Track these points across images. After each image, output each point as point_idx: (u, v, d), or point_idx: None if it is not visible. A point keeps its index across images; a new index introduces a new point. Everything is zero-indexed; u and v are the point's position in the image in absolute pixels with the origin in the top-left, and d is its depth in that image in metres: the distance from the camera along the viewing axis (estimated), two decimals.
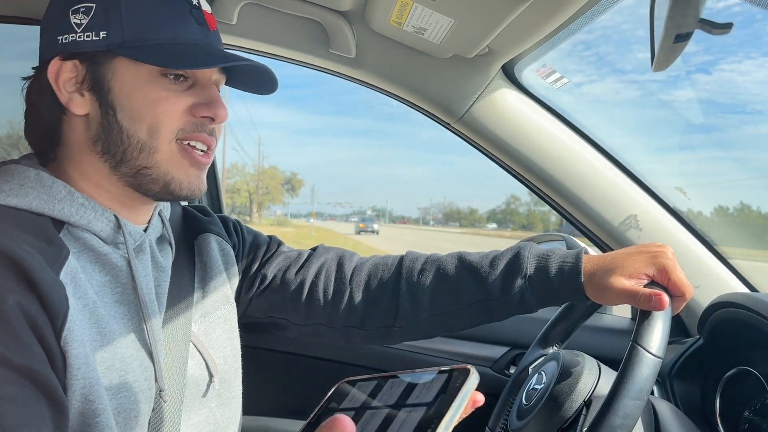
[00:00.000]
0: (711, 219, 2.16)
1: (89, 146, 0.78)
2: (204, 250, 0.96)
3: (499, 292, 0.93)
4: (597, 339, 1.45)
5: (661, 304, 0.78)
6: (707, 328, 1.14)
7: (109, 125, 0.77)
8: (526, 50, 1.19)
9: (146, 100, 0.77)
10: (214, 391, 0.89)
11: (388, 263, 1.03)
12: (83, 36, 0.75)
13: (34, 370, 0.60)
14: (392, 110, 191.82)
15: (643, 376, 0.74)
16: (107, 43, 0.75)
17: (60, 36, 0.76)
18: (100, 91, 0.77)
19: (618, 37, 73.99)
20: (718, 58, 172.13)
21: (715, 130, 6.77)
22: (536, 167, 1.32)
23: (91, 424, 0.68)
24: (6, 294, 0.60)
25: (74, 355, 0.66)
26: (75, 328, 0.66)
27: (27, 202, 0.72)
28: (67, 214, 0.74)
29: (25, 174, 0.74)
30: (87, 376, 0.67)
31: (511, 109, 1.30)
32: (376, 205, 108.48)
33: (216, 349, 0.91)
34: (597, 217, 1.32)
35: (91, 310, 0.71)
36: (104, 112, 0.77)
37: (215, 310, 0.93)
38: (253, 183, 67.87)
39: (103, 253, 0.76)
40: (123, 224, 0.78)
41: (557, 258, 0.91)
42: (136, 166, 0.78)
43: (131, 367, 0.75)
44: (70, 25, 0.76)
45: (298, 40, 1.29)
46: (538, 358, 1.11)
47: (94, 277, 0.75)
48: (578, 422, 0.88)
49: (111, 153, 0.78)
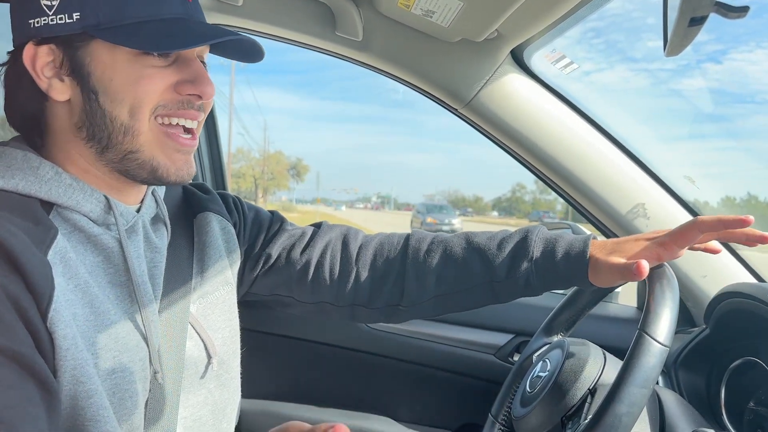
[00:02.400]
0: (718, 209, 2.15)
1: (74, 132, 0.76)
2: (203, 229, 0.94)
3: (505, 275, 0.93)
4: (602, 327, 1.45)
5: (639, 268, 0.80)
6: (714, 318, 1.13)
7: (92, 110, 0.74)
8: (535, 35, 1.17)
9: (128, 80, 0.74)
10: (213, 373, 0.89)
11: (394, 242, 1.03)
12: (55, 19, 0.71)
13: (19, 352, 0.59)
14: (399, 97, 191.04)
15: (650, 364, 0.74)
16: (82, 25, 0.71)
17: (31, 19, 0.72)
18: (80, 75, 0.74)
19: (628, 25, 73.44)
20: (728, 47, 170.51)
21: (725, 119, 6.70)
22: (544, 154, 1.30)
23: (84, 405, 0.68)
24: None
25: (62, 336, 0.65)
26: (62, 309, 0.66)
27: (13, 183, 0.71)
28: (55, 195, 0.73)
29: (12, 155, 0.73)
30: (76, 357, 0.66)
31: (520, 95, 1.29)
32: (381, 192, 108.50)
33: (214, 331, 0.90)
34: (604, 205, 1.31)
35: (84, 290, 0.70)
36: (86, 97, 0.74)
37: (214, 291, 0.92)
38: (259, 168, 67.90)
39: (93, 234, 0.75)
40: (113, 204, 0.77)
41: (564, 243, 0.91)
42: (121, 150, 0.76)
43: (125, 348, 0.74)
44: (40, 7, 0.72)
45: (305, 22, 1.28)
46: (543, 346, 1.11)
47: (87, 258, 0.74)
48: (583, 410, 0.88)
49: (96, 138, 0.75)
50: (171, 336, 0.83)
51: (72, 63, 0.73)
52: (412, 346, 1.57)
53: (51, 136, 0.78)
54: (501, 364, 1.52)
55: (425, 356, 1.57)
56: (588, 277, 0.88)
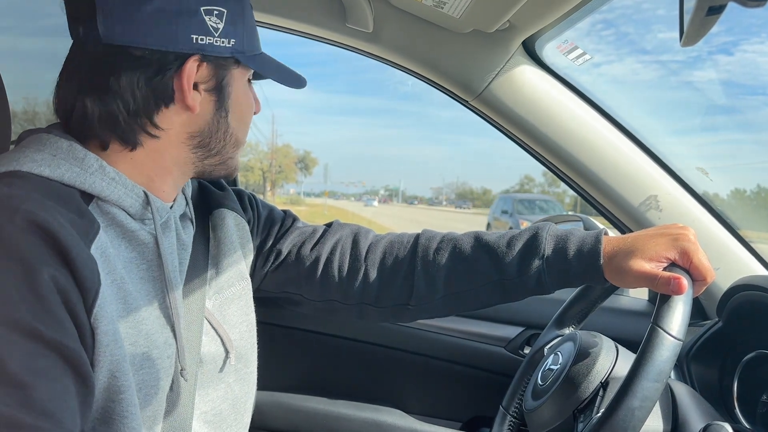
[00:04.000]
0: (728, 201, 2.13)
1: (182, 139, 0.80)
2: (219, 225, 0.95)
3: (516, 273, 0.92)
4: (614, 320, 1.44)
5: (679, 288, 0.77)
6: (726, 311, 1.13)
7: (219, 125, 0.82)
8: (547, 26, 1.16)
9: (248, 104, 0.87)
10: (231, 367, 0.90)
11: (404, 241, 1.03)
12: (219, 41, 0.78)
13: (65, 345, 0.60)
14: (408, 89, 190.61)
15: (663, 358, 0.73)
16: (232, 50, 0.79)
17: (195, 35, 0.75)
18: (222, 94, 0.81)
19: (639, 17, 72.80)
20: (740, 38, 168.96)
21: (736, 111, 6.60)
22: (555, 146, 1.30)
23: (115, 400, 0.68)
24: (41, 267, 0.60)
25: (104, 332, 0.66)
26: (105, 305, 0.66)
27: (59, 173, 0.71)
28: (98, 188, 0.73)
29: (58, 144, 0.73)
30: (115, 353, 0.67)
31: (531, 86, 1.28)
32: (389, 185, 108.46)
33: (231, 326, 0.91)
34: (616, 197, 1.30)
35: (119, 285, 0.71)
36: (218, 113, 0.81)
37: (230, 286, 0.93)
38: (267, 161, 68.01)
39: (130, 229, 0.76)
40: (152, 200, 0.78)
41: (576, 239, 0.90)
42: (224, 158, 0.85)
43: (155, 344, 0.75)
44: (206, 26, 0.76)
45: (315, 14, 1.27)
46: (554, 338, 1.10)
47: (122, 253, 0.74)
48: (595, 403, 0.87)
49: (208, 147, 0.82)
50: (188, 332, 0.83)
51: (218, 82, 0.80)
52: (423, 339, 1.57)
53: (149, 138, 0.78)
54: (511, 356, 1.52)
55: (436, 349, 1.57)
56: (604, 275, 0.86)
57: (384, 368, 1.61)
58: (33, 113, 2.54)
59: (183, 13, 0.74)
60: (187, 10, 0.75)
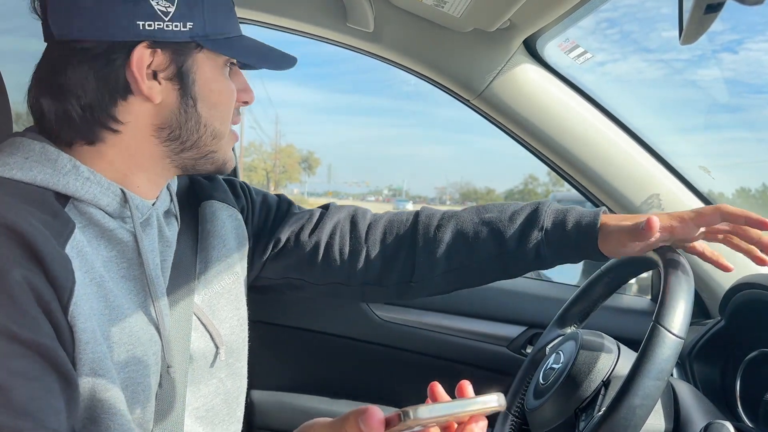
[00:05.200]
0: (733, 200, 2.12)
1: (150, 131, 0.77)
2: (208, 218, 0.94)
3: (516, 245, 0.94)
4: (616, 319, 1.44)
5: (649, 223, 0.83)
6: (729, 310, 1.12)
7: (188, 114, 0.78)
8: (548, 24, 1.16)
9: (222, 91, 0.81)
10: (222, 363, 0.89)
11: (403, 219, 1.03)
12: (171, 25, 0.74)
13: (42, 344, 0.60)
14: (410, 89, 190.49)
15: (665, 356, 0.73)
16: (192, 35, 0.75)
17: (141, 21, 0.72)
18: (184, 82, 0.77)
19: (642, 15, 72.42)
20: (744, 36, 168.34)
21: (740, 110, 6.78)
22: (557, 145, 1.29)
23: (101, 398, 0.68)
24: (12, 268, 0.60)
25: (81, 330, 0.66)
26: (81, 302, 0.66)
27: (31, 175, 0.70)
28: (73, 188, 0.72)
29: (30, 147, 0.73)
30: (95, 350, 0.67)
31: (533, 85, 1.28)
32: (392, 185, 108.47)
33: (221, 321, 0.90)
34: (619, 196, 1.30)
35: (99, 284, 0.71)
36: (184, 102, 0.77)
37: (219, 281, 0.92)
38: (270, 161, 68.10)
39: (108, 228, 0.75)
40: (129, 198, 0.77)
41: (575, 213, 0.94)
42: (204, 151, 0.81)
43: (139, 342, 0.75)
44: (153, 11, 0.72)
45: (316, 13, 1.28)
46: (556, 338, 1.10)
47: (101, 252, 0.74)
48: (596, 402, 0.87)
49: (180, 140, 0.79)
50: (176, 328, 0.83)
51: (177, 69, 0.76)
52: (424, 338, 1.57)
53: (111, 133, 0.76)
54: (513, 356, 1.52)
55: (437, 348, 1.56)
56: (598, 245, 0.90)
57: (386, 368, 1.61)
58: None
59: (125, 0, 0.72)
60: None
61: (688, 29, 0.63)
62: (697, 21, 0.61)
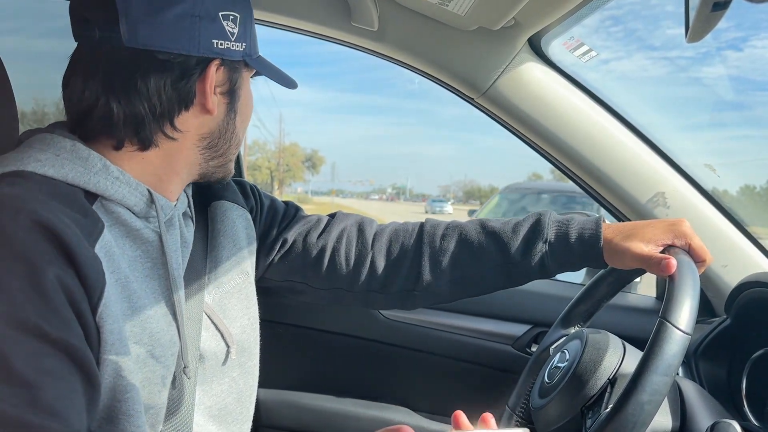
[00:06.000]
0: (738, 198, 2.11)
1: (193, 140, 0.81)
2: (218, 218, 0.95)
3: (520, 257, 0.96)
4: (621, 318, 1.44)
5: (668, 267, 0.82)
6: (735, 308, 1.12)
7: (227, 126, 0.84)
8: (553, 22, 1.16)
9: (250, 104, 0.89)
10: (234, 361, 0.90)
11: (409, 229, 1.04)
12: (235, 45, 0.80)
13: (71, 344, 0.61)
14: (415, 87, 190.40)
15: (672, 352, 0.73)
16: (243, 54, 0.81)
17: (215, 39, 0.77)
18: (233, 97, 0.83)
19: (647, 13, 72.08)
20: (749, 34, 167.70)
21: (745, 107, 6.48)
22: (562, 143, 1.29)
23: (121, 399, 0.69)
24: (46, 266, 0.60)
25: (109, 331, 0.66)
26: (110, 304, 0.67)
27: (63, 173, 0.71)
28: (102, 187, 0.73)
29: (61, 144, 0.73)
30: (120, 352, 0.68)
31: (537, 84, 1.27)
32: (396, 183, 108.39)
33: (232, 320, 0.91)
34: (624, 194, 1.30)
35: (123, 284, 0.71)
36: (228, 115, 0.83)
37: (230, 280, 0.93)
38: (274, 160, 68.13)
39: (135, 228, 0.76)
40: (156, 198, 0.78)
41: (577, 224, 0.95)
42: (227, 160, 0.87)
43: (159, 342, 0.75)
44: (224, 31, 0.78)
45: (320, 13, 1.28)
46: (561, 337, 1.10)
47: (126, 251, 0.75)
48: (603, 400, 0.87)
49: (214, 148, 0.84)
50: (189, 327, 0.84)
51: (231, 85, 0.82)
52: (430, 337, 1.57)
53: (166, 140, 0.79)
54: (518, 354, 1.52)
55: (442, 347, 1.56)
56: (603, 258, 0.92)
57: (391, 366, 1.61)
58: (42, 113, 2.56)
59: (204, 18, 0.76)
60: (207, 15, 0.76)
61: (694, 27, 0.63)
62: (704, 19, 0.61)
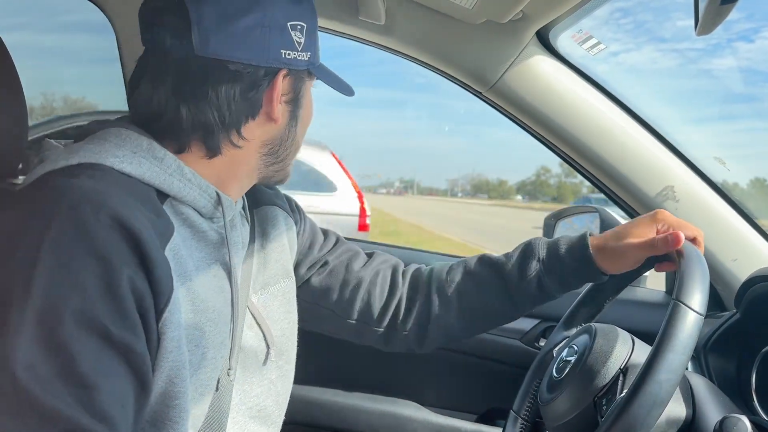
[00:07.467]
0: (748, 191, 2.09)
1: (256, 147, 0.82)
2: (269, 221, 0.95)
3: (517, 279, 1.00)
4: (630, 312, 1.43)
5: (677, 239, 0.86)
6: (744, 302, 1.12)
7: (289, 134, 0.84)
8: (561, 15, 1.15)
9: (311, 112, 0.89)
10: (273, 363, 0.90)
11: (423, 268, 1.10)
12: (301, 55, 0.80)
13: (132, 348, 0.60)
14: (423, 81, 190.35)
15: (687, 332, 0.74)
16: (308, 63, 0.81)
17: (284, 49, 0.78)
18: (297, 105, 0.84)
19: (656, 4, 71.55)
20: (760, 25, 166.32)
21: (756, 99, 6.48)
22: (570, 136, 1.29)
23: (170, 405, 0.68)
24: (123, 268, 0.60)
25: (170, 338, 0.66)
26: (175, 310, 0.66)
27: (140, 171, 0.70)
28: (176, 188, 0.73)
29: (137, 142, 0.73)
30: (176, 359, 0.67)
31: (546, 77, 1.27)
32: (404, 177, 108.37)
33: (273, 322, 0.91)
34: (632, 187, 1.29)
35: (188, 287, 0.71)
36: (290, 123, 0.84)
37: (275, 282, 0.93)
38: None
39: (201, 230, 0.76)
40: (223, 199, 0.79)
41: (565, 240, 1.00)
42: (286, 165, 0.87)
43: (213, 344, 0.75)
44: (292, 41, 0.78)
45: (327, 7, 1.27)
46: (564, 339, 1.09)
47: (193, 253, 0.74)
48: (617, 387, 0.87)
49: (275, 154, 0.84)
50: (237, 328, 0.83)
51: (295, 93, 0.83)
52: None
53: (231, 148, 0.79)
54: (527, 348, 1.51)
55: None
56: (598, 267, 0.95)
57: (400, 361, 1.61)
58: (51, 108, 2.57)
59: (274, 29, 0.76)
60: (277, 25, 0.76)
61: (704, 19, 0.62)
62: (714, 11, 0.60)
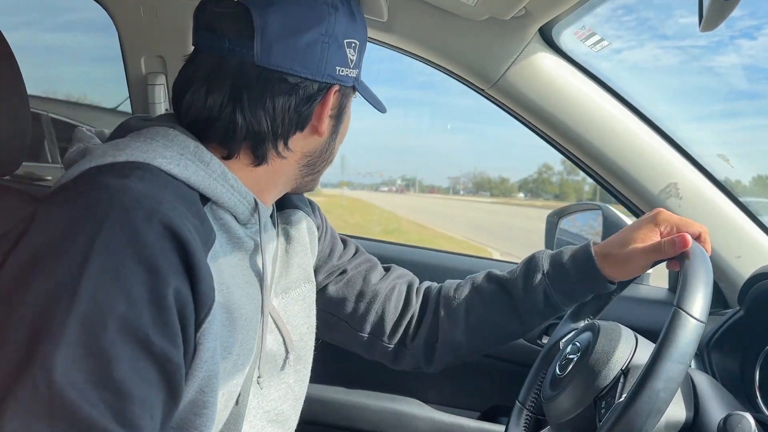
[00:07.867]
0: (750, 188, 2.09)
1: (296, 158, 0.82)
2: (292, 225, 0.95)
3: (523, 292, 0.99)
4: (633, 309, 1.43)
5: (684, 241, 0.85)
6: (748, 300, 1.11)
7: (329, 146, 0.85)
8: (564, 12, 1.15)
9: (348, 126, 0.89)
10: (291, 368, 0.90)
11: (433, 286, 1.10)
12: (351, 72, 0.81)
13: (169, 359, 0.60)
14: (425, 78, 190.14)
15: (686, 340, 0.74)
16: (354, 80, 0.83)
17: (338, 66, 0.78)
18: (340, 120, 0.85)
19: (660, 2, 71.17)
20: (763, 22, 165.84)
21: (759, 96, 6.42)
22: (573, 133, 1.28)
23: (198, 413, 0.68)
24: (170, 278, 0.60)
25: (206, 348, 0.66)
26: (214, 321, 0.66)
27: (187, 174, 0.70)
28: (219, 193, 0.73)
29: (185, 144, 0.72)
30: (210, 369, 0.67)
31: (548, 74, 1.26)
32: (406, 175, 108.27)
33: (293, 326, 0.91)
34: (636, 184, 1.29)
35: (225, 294, 0.70)
36: (331, 137, 0.84)
37: (297, 287, 0.93)
38: None
39: (237, 236, 0.76)
40: (260, 206, 0.79)
41: (568, 251, 0.99)
42: (320, 175, 0.88)
43: (243, 352, 0.75)
44: (346, 58, 0.79)
45: None
46: (571, 331, 1.09)
47: (229, 260, 0.74)
48: (616, 389, 0.87)
49: (311, 165, 0.85)
50: None
51: (340, 109, 0.84)
52: None
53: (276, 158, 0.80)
54: (529, 346, 1.51)
55: None
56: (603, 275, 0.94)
57: None
58: None
59: (333, 45, 0.77)
60: (335, 42, 0.77)
61: (708, 16, 0.62)
62: (719, 7, 0.60)
